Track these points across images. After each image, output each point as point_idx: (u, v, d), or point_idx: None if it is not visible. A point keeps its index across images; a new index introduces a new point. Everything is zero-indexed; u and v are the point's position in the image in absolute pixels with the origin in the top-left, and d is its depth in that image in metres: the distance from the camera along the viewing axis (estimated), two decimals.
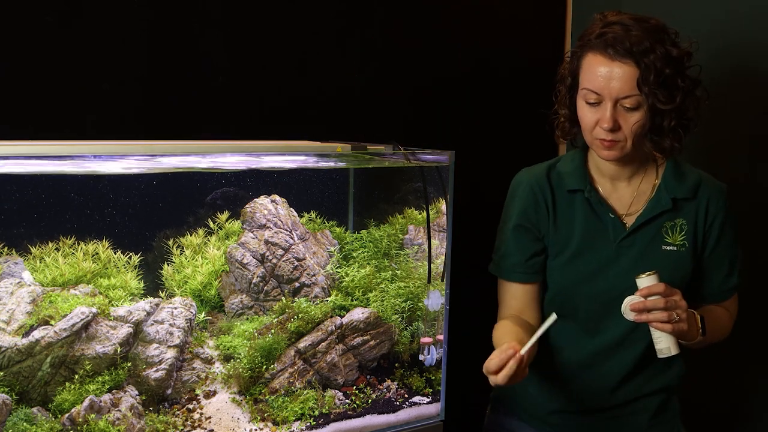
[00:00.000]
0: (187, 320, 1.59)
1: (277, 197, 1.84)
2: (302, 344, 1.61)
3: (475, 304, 1.86)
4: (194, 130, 1.82)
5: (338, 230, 1.96)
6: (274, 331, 1.61)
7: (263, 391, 1.55)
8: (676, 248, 1.48)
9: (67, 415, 1.34)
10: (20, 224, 1.52)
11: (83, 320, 1.44)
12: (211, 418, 1.49)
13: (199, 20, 1.84)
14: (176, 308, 1.59)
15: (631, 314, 1.37)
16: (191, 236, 1.76)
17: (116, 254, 1.63)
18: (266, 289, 1.76)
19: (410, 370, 1.72)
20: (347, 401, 1.59)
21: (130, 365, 1.47)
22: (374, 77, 2.12)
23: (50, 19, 1.65)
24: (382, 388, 1.67)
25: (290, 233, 1.81)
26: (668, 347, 1.38)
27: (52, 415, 1.36)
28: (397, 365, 1.72)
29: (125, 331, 1.48)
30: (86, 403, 1.35)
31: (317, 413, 1.54)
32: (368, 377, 1.69)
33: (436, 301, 1.70)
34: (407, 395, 1.66)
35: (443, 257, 1.72)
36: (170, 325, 1.55)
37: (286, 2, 1.95)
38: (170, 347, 1.53)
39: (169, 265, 1.73)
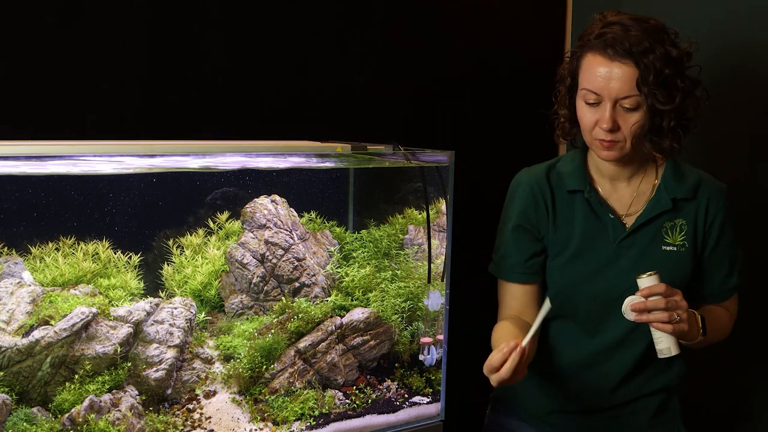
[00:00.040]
0: (187, 320, 1.59)
1: (277, 197, 1.84)
2: (302, 344, 1.61)
3: (475, 304, 1.86)
4: (194, 130, 1.82)
5: (338, 230, 1.96)
6: (274, 331, 1.61)
7: (263, 391, 1.55)
8: (676, 248, 1.48)
9: (67, 415, 1.34)
10: (20, 224, 1.52)
11: (83, 320, 1.44)
12: (211, 418, 1.49)
13: (199, 20, 1.84)
14: (176, 308, 1.59)
15: (631, 314, 1.37)
16: (191, 236, 1.76)
17: (116, 254, 1.63)
18: (266, 289, 1.76)
19: (410, 370, 1.72)
20: (347, 401, 1.59)
21: (130, 365, 1.47)
22: (374, 77, 2.12)
23: (50, 19, 1.65)
24: (382, 388, 1.67)
25: (290, 233, 1.81)
26: (669, 347, 1.37)
27: (52, 415, 1.36)
28: (397, 365, 1.72)
29: (125, 331, 1.48)
30: (86, 403, 1.35)
31: (317, 413, 1.54)
32: (368, 377, 1.69)
33: (436, 301, 1.69)
34: (407, 395, 1.66)
35: (443, 257, 1.72)
36: (170, 325, 1.55)
37: (286, 2, 1.95)
38: (170, 347, 1.53)
39: (169, 265, 1.73)
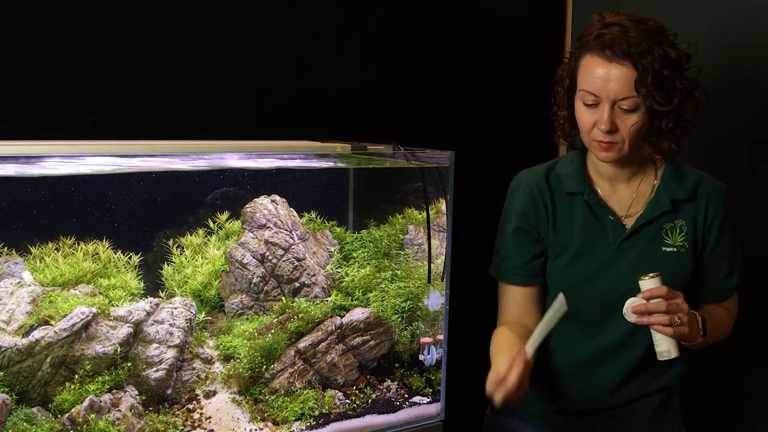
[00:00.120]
0: (187, 320, 1.59)
1: (277, 197, 1.84)
2: (302, 344, 1.61)
3: (475, 304, 1.86)
4: (194, 130, 1.82)
5: (338, 230, 1.96)
6: (274, 331, 1.61)
7: (263, 391, 1.55)
8: (675, 249, 1.48)
9: (67, 415, 1.34)
10: (20, 224, 1.52)
11: (83, 320, 1.44)
12: (211, 418, 1.49)
13: (199, 20, 1.84)
14: (176, 308, 1.59)
15: (632, 316, 1.37)
16: (191, 236, 1.76)
17: (116, 254, 1.63)
18: (266, 289, 1.76)
19: (410, 370, 1.72)
20: (347, 401, 1.59)
21: (130, 365, 1.47)
22: (374, 77, 2.11)
23: (50, 19, 1.65)
24: (382, 388, 1.67)
25: (290, 233, 1.81)
26: (668, 350, 1.37)
27: (52, 415, 1.36)
28: (397, 365, 1.72)
29: (125, 331, 1.48)
30: (86, 403, 1.35)
31: (317, 413, 1.54)
32: (368, 377, 1.69)
33: (436, 301, 1.69)
34: (407, 395, 1.66)
35: (443, 257, 1.72)
36: (170, 325, 1.55)
37: (286, 2, 1.95)
38: (170, 347, 1.53)
39: (169, 265, 1.73)
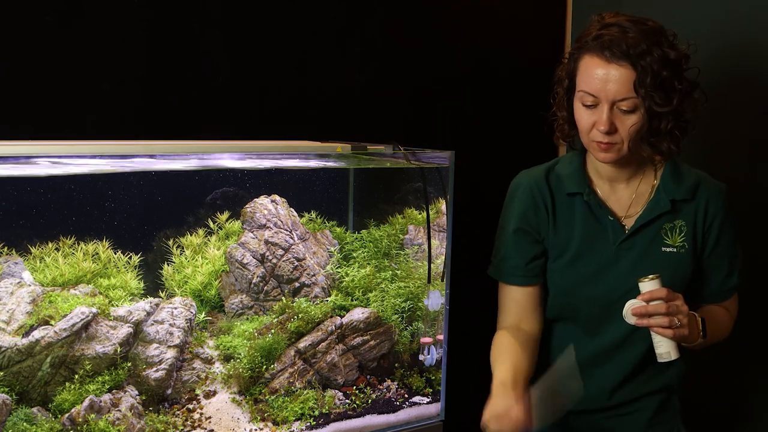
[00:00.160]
0: (187, 320, 1.59)
1: (277, 197, 1.84)
2: (302, 344, 1.61)
3: (475, 304, 1.86)
4: (194, 130, 1.82)
5: (338, 230, 1.96)
6: (274, 331, 1.61)
7: (263, 391, 1.55)
8: (675, 250, 1.48)
9: (67, 415, 1.34)
10: (20, 224, 1.52)
11: (83, 320, 1.44)
12: (211, 418, 1.49)
13: (199, 20, 1.84)
14: (176, 308, 1.59)
15: (632, 318, 1.36)
16: (191, 236, 1.76)
17: (116, 254, 1.64)
18: (266, 289, 1.76)
19: (410, 370, 1.72)
20: (347, 401, 1.59)
21: (130, 365, 1.47)
22: (374, 77, 2.11)
23: (50, 19, 1.65)
24: (382, 388, 1.67)
25: (290, 233, 1.81)
26: (668, 352, 1.37)
27: (52, 415, 1.36)
28: (397, 365, 1.72)
29: (125, 331, 1.48)
30: (86, 403, 1.35)
31: (317, 413, 1.54)
32: (368, 377, 1.69)
33: (436, 301, 1.69)
34: (407, 395, 1.66)
35: (443, 257, 1.72)
36: (170, 325, 1.55)
37: (286, 2, 1.95)
38: (170, 347, 1.53)
39: (169, 265, 1.73)
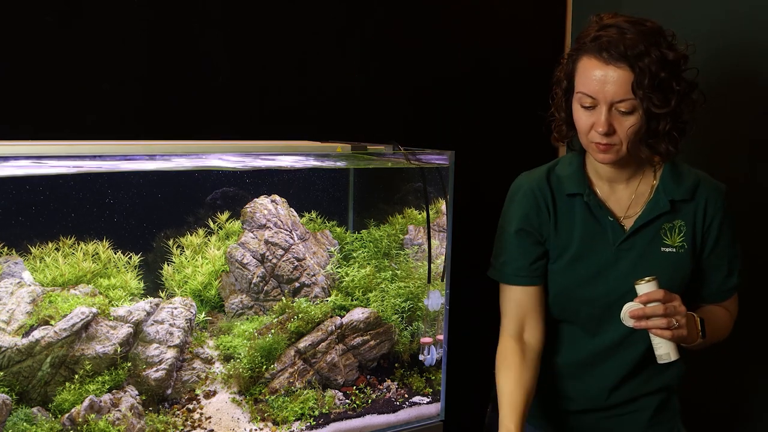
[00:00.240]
0: (187, 320, 1.59)
1: (277, 197, 1.84)
2: (302, 344, 1.61)
3: (475, 304, 1.86)
4: (194, 130, 1.82)
5: (338, 230, 1.96)
6: (274, 331, 1.61)
7: (263, 391, 1.55)
8: (675, 250, 1.48)
9: (67, 415, 1.34)
10: (20, 224, 1.52)
11: (83, 320, 1.44)
12: (211, 418, 1.49)
13: (199, 20, 1.84)
14: (176, 308, 1.59)
15: (630, 321, 1.36)
16: (191, 236, 1.76)
17: (116, 254, 1.63)
18: (266, 289, 1.76)
19: (410, 370, 1.72)
20: (347, 401, 1.59)
21: (130, 365, 1.47)
22: (374, 77, 2.11)
23: (50, 19, 1.65)
24: (382, 388, 1.67)
25: (290, 233, 1.81)
26: (668, 353, 1.37)
27: (52, 415, 1.36)
28: (397, 365, 1.72)
29: (125, 331, 1.48)
30: (86, 403, 1.35)
31: (317, 413, 1.54)
32: (368, 377, 1.69)
33: (436, 301, 1.69)
34: (407, 395, 1.66)
35: (443, 257, 1.72)
36: (170, 325, 1.55)
37: (286, 2, 1.95)
38: (170, 347, 1.53)
39: (169, 265, 1.73)
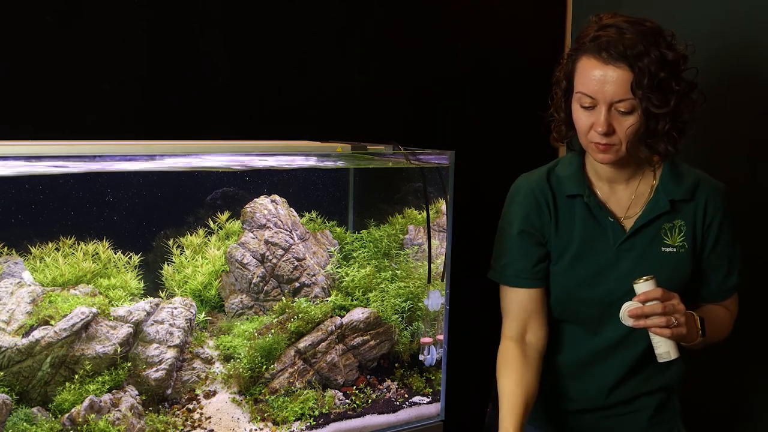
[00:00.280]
0: (187, 320, 1.59)
1: (277, 197, 1.84)
2: (302, 344, 1.61)
3: (475, 304, 1.86)
4: (194, 130, 1.82)
5: (338, 230, 1.96)
6: (274, 331, 1.61)
7: (263, 391, 1.55)
8: (675, 249, 1.48)
9: (67, 415, 1.34)
10: (20, 224, 1.52)
11: (83, 320, 1.44)
12: (211, 418, 1.49)
13: (199, 20, 1.84)
14: (176, 308, 1.59)
15: (629, 320, 1.36)
16: (191, 236, 1.76)
17: (116, 254, 1.64)
18: (266, 289, 1.76)
19: (410, 370, 1.72)
20: (347, 401, 1.59)
21: (130, 365, 1.47)
22: (374, 77, 2.12)
23: (50, 19, 1.65)
24: (382, 388, 1.67)
25: (290, 233, 1.81)
26: (668, 352, 1.37)
27: (52, 415, 1.36)
28: (397, 365, 1.72)
29: (125, 331, 1.48)
30: (86, 403, 1.35)
31: (317, 413, 1.54)
32: (368, 377, 1.69)
33: (436, 301, 1.69)
34: (407, 395, 1.66)
35: (443, 257, 1.72)
36: (170, 325, 1.55)
37: (286, 2, 1.95)
38: (170, 347, 1.53)
39: (169, 265, 1.73)
